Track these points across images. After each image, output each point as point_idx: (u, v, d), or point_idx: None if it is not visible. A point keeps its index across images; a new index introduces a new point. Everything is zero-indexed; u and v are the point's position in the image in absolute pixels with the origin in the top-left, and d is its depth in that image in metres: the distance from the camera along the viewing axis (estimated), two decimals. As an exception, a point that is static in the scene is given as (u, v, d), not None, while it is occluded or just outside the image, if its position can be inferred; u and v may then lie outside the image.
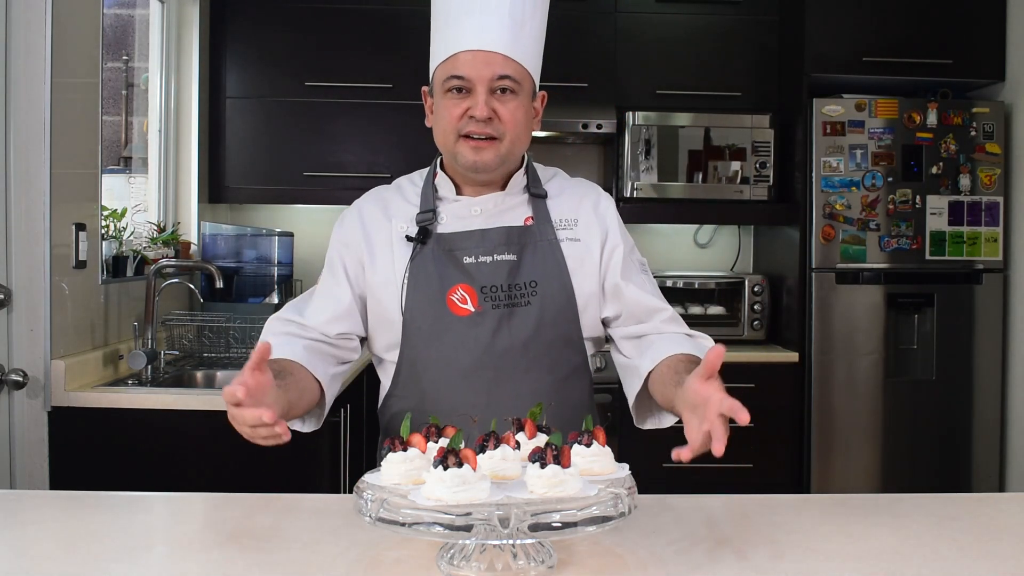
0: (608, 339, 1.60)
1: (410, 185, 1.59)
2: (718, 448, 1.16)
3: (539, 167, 1.61)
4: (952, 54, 3.47)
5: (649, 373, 1.45)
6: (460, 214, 1.52)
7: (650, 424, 1.53)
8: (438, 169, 1.56)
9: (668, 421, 1.49)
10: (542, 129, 1.77)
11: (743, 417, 1.17)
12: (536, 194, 1.54)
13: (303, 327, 1.51)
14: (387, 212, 1.55)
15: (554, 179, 1.60)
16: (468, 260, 1.48)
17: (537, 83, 1.52)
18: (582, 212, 1.55)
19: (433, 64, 1.49)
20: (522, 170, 1.55)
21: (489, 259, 1.48)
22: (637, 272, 1.56)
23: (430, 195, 1.53)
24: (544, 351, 1.49)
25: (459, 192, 1.53)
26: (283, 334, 1.49)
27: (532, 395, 1.43)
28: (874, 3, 3.47)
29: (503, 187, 1.53)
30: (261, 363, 1.21)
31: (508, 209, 1.53)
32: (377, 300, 1.51)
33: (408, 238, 1.50)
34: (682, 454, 1.16)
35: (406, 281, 1.48)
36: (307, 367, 1.43)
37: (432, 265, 1.48)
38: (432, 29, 1.51)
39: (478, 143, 1.44)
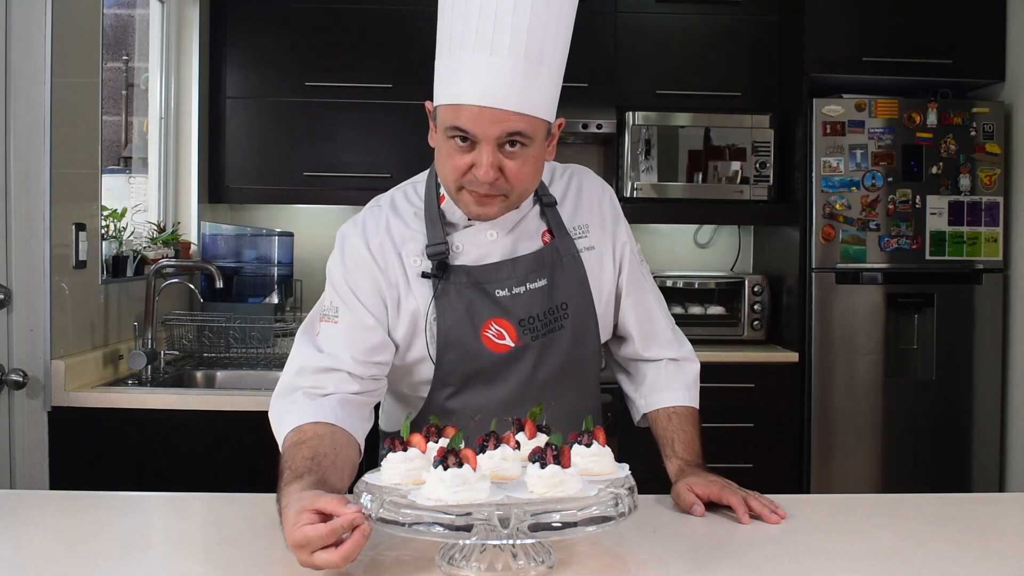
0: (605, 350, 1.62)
1: (407, 205, 1.45)
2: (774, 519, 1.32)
3: None
4: (952, 54, 3.47)
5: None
6: (477, 241, 1.41)
7: (643, 423, 1.60)
8: (444, 192, 1.41)
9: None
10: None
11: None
12: (546, 203, 1.47)
13: (323, 378, 1.35)
14: (393, 243, 1.41)
15: (553, 180, 1.52)
16: (501, 293, 1.39)
17: (554, 116, 1.38)
18: (592, 216, 1.50)
19: (436, 96, 1.33)
20: None
21: (523, 289, 1.40)
22: (640, 278, 1.54)
23: (438, 222, 1.41)
24: (577, 371, 1.46)
25: (470, 217, 1.40)
26: (302, 394, 1.36)
27: (567, 415, 1.40)
28: (874, 3, 3.47)
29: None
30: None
31: (523, 227, 1.44)
32: (403, 346, 1.41)
33: (424, 274, 1.39)
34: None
35: (431, 323, 1.38)
36: (344, 427, 1.30)
37: (459, 302, 1.38)
38: (439, 46, 1.34)
39: (484, 198, 1.32)
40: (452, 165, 1.31)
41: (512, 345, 1.40)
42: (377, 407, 1.59)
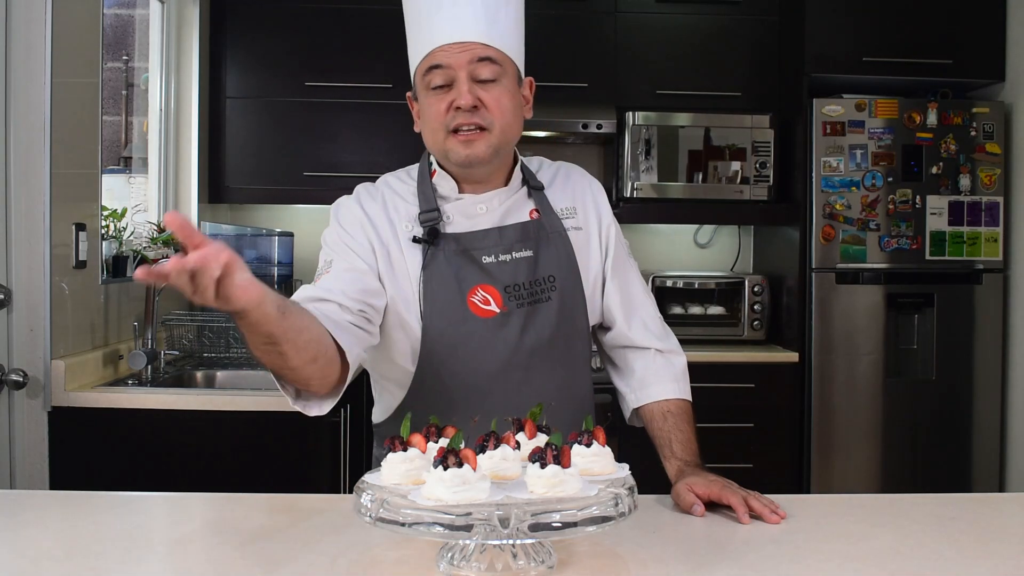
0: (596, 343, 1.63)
1: (400, 183, 1.52)
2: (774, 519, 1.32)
3: (523, 159, 1.57)
4: (952, 54, 3.47)
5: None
6: (467, 212, 1.47)
7: (635, 422, 1.61)
8: (436, 167, 1.49)
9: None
10: (542, 129, 1.77)
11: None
12: (534, 187, 1.52)
13: (317, 299, 1.35)
14: (387, 212, 1.48)
15: (542, 169, 1.58)
16: (488, 260, 1.44)
17: (522, 70, 1.48)
18: (578, 200, 1.55)
19: (412, 66, 1.45)
20: (518, 166, 1.53)
21: (508, 257, 1.45)
22: (625, 264, 1.58)
23: (431, 194, 1.47)
24: (564, 346, 1.48)
25: (460, 190, 1.48)
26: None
27: (557, 391, 1.44)
28: (874, 3, 3.47)
29: (504, 183, 1.50)
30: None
31: (512, 204, 1.49)
32: (393, 308, 1.44)
33: (415, 239, 1.44)
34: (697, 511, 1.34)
35: (421, 286, 1.42)
36: (325, 326, 1.28)
37: (448, 267, 1.43)
38: (408, 34, 1.47)
39: (468, 136, 1.39)
40: (435, 111, 1.39)
41: (497, 311, 1.43)
42: (371, 402, 1.59)
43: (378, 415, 1.59)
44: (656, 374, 1.56)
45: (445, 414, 1.33)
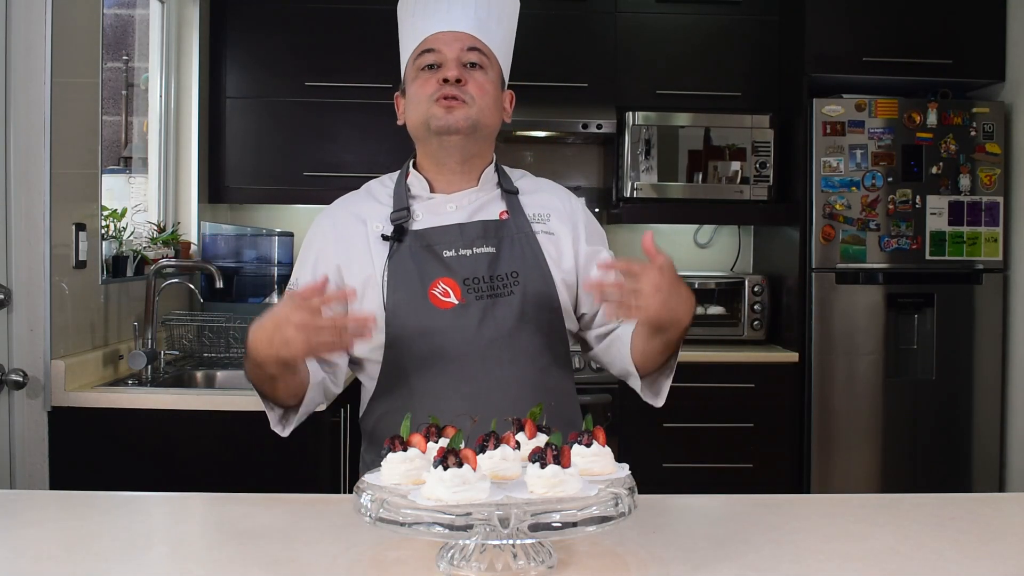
0: (583, 344, 1.64)
1: (380, 187, 1.60)
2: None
3: (506, 168, 1.63)
4: (952, 54, 3.47)
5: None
6: (435, 211, 1.53)
7: (649, 397, 1.58)
8: (411, 169, 1.58)
9: (662, 395, 1.56)
10: (542, 129, 1.79)
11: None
12: (508, 190, 1.57)
13: None
14: (360, 216, 1.55)
15: (523, 179, 1.63)
16: (448, 254, 1.49)
17: (506, 78, 1.57)
18: (553, 207, 1.59)
19: (404, 58, 1.54)
20: (492, 165, 1.58)
21: (469, 252, 1.50)
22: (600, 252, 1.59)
23: (403, 194, 1.54)
24: (528, 340, 1.50)
25: (432, 190, 1.55)
26: None
27: (518, 383, 1.47)
28: (874, 3, 3.47)
29: (476, 183, 1.55)
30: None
31: (482, 205, 1.55)
32: (358, 302, 1.50)
33: (384, 237, 1.51)
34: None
35: (385, 279, 1.48)
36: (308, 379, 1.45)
37: (411, 261, 1.48)
38: (400, 32, 1.57)
39: (450, 103, 1.46)
40: (423, 89, 1.48)
41: (456, 303, 1.47)
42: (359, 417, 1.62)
43: (361, 410, 1.62)
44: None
45: (407, 405, 1.42)
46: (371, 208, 1.56)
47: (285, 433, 1.49)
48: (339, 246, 1.53)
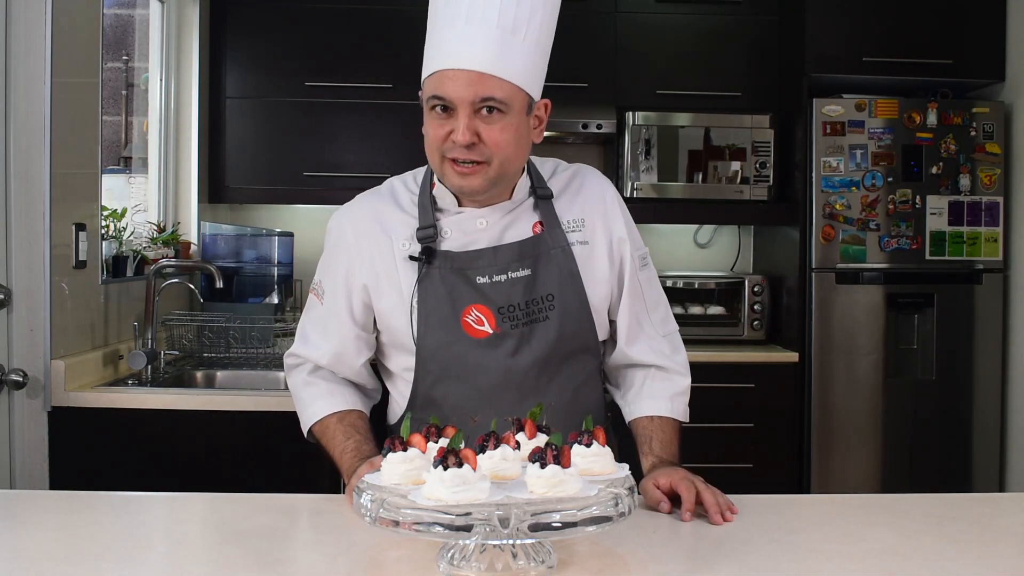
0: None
1: (405, 191, 1.50)
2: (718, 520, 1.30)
3: (537, 160, 1.54)
4: (952, 54, 3.47)
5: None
6: (465, 228, 1.44)
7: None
8: (436, 179, 1.46)
9: None
10: (542, 129, 1.75)
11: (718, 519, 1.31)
12: (542, 196, 1.48)
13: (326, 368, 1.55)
14: (384, 228, 1.46)
15: (556, 174, 1.54)
16: (482, 280, 1.42)
17: (537, 93, 1.43)
18: (588, 211, 1.50)
19: (423, 71, 1.42)
20: (525, 175, 1.49)
21: (504, 277, 1.42)
22: (635, 281, 1.53)
23: (429, 208, 1.45)
24: (563, 362, 1.46)
25: (460, 203, 1.45)
26: (324, 384, 1.53)
27: (551, 409, 1.40)
28: (874, 3, 3.47)
29: (508, 195, 1.46)
30: None
31: (515, 218, 1.46)
32: (387, 326, 1.46)
33: (412, 258, 1.43)
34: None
35: (414, 305, 1.42)
36: (364, 409, 1.54)
37: (442, 286, 1.41)
38: (428, 33, 1.44)
39: (463, 169, 1.36)
40: (433, 135, 1.37)
41: (490, 332, 1.41)
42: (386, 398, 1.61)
43: (391, 414, 1.61)
44: (652, 390, 1.53)
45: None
46: (395, 218, 1.47)
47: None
48: (365, 265, 1.46)
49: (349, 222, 1.50)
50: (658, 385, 1.53)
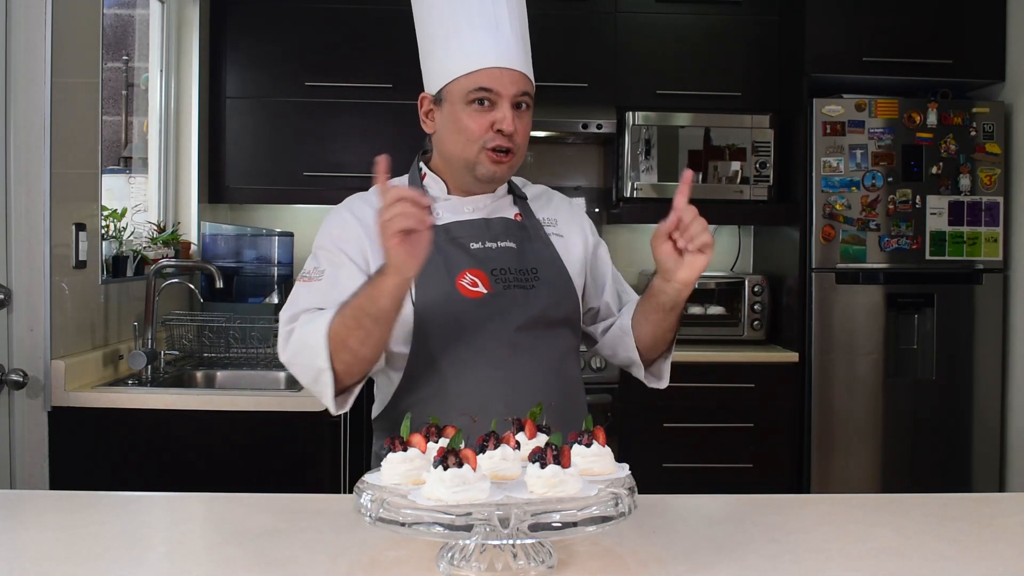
0: (587, 339, 1.71)
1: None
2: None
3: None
4: (952, 54, 3.47)
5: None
6: (454, 210, 1.56)
7: (653, 382, 1.66)
8: (426, 170, 1.59)
9: (665, 378, 1.64)
10: (543, 129, 1.80)
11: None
12: (519, 195, 1.63)
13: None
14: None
15: (527, 187, 1.68)
16: (475, 246, 1.52)
17: None
18: (560, 213, 1.66)
19: (446, 76, 1.50)
20: None
21: (494, 245, 1.53)
22: (616, 274, 1.71)
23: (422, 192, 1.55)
24: (550, 328, 1.54)
25: (448, 192, 1.58)
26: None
27: (544, 370, 1.51)
28: (874, 3, 3.47)
29: (492, 189, 1.58)
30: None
31: (498, 208, 1.59)
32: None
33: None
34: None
35: None
36: None
37: (437, 254, 1.48)
38: (437, 38, 1.52)
39: (499, 157, 1.48)
40: (474, 127, 1.47)
41: (484, 292, 1.50)
42: (373, 416, 1.62)
43: (376, 408, 1.61)
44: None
45: (438, 393, 1.45)
46: None
47: (345, 409, 1.47)
48: (364, 234, 1.51)
49: (344, 209, 1.58)
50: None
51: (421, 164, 1.60)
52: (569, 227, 1.65)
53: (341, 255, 1.51)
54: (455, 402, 1.44)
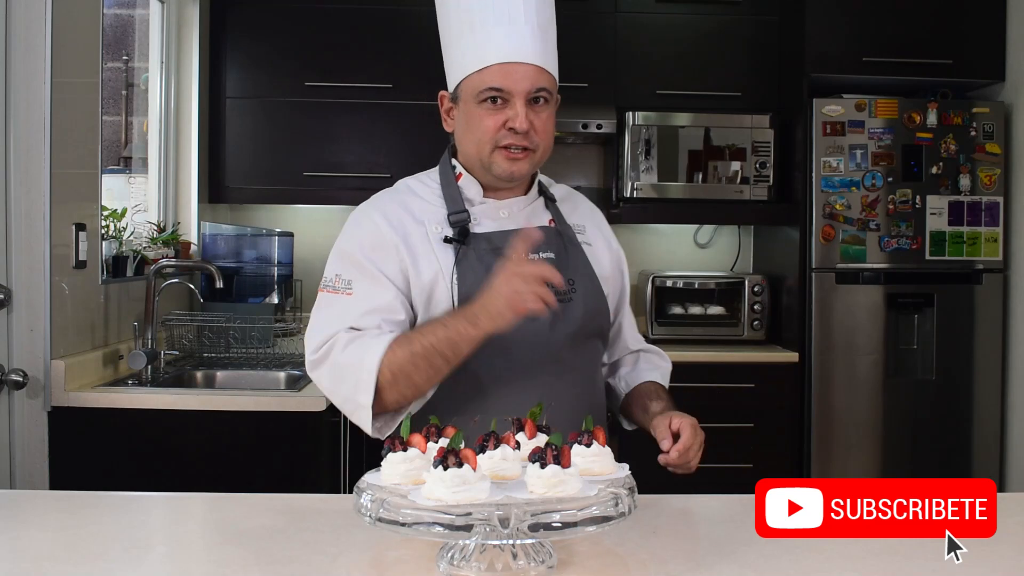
0: None
1: (422, 186, 1.55)
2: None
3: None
4: (952, 54, 3.47)
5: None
6: (492, 215, 1.52)
7: (625, 423, 1.69)
8: (462, 170, 1.53)
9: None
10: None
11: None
12: (549, 197, 1.59)
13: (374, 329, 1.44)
14: (415, 216, 1.50)
15: (551, 186, 1.65)
16: None
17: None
18: (586, 219, 1.63)
19: (460, 73, 1.48)
20: (537, 174, 1.59)
21: (536, 256, 1.48)
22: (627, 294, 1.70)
23: (457, 196, 1.51)
24: (587, 340, 1.53)
25: (483, 195, 1.53)
26: (369, 332, 1.42)
27: (582, 384, 1.51)
28: (874, 3, 3.47)
29: (525, 191, 1.55)
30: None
31: (532, 212, 1.55)
32: (430, 297, 1.46)
33: (447, 239, 1.47)
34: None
35: (455, 282, 1.45)
36: None
37: (479, 265, 1.45)
38: (453, 34, 1.50)
39: (514, 155, 1.45)
40: (486, 126, 1.44)
41: None
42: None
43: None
44: (650, 364, 1.69)
45: (479, 406, 1.41)
46: (422, 206, 1.51)
47: (385, 435, 1.42)
48: (402, 245, 1.46)
49: (375, 211, 1.51)
50: (654, 361, 1.70)
51: (455, 162, 1.54)
52: (595, 236, 1.62)
53: (376, 271, 1.45)
54: (494, 416, 1.40)
